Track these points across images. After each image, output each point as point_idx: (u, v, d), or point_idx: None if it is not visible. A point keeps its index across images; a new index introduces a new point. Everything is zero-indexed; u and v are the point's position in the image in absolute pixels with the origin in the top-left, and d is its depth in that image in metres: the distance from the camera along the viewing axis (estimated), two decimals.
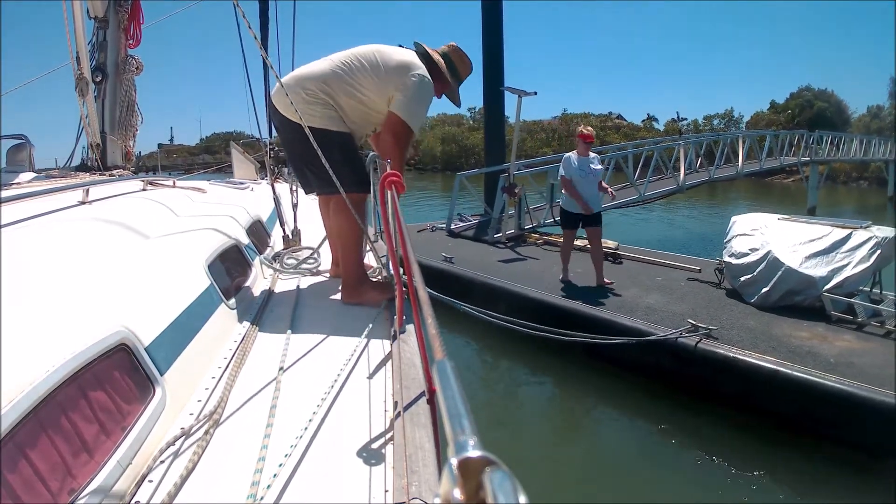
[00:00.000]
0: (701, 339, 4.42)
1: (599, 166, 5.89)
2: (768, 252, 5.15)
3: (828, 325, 4.71)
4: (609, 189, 5.84)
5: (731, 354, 4.23)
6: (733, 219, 5.93)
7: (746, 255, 5.38)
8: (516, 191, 8.59)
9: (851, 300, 4.83)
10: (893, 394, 3.58)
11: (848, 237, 5.05)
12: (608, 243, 7.85)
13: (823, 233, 5.20)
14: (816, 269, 4.94)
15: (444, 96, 2.64)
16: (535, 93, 8.40)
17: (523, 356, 5.71)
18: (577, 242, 8.35)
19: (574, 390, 5.09)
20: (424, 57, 2.49)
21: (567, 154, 5.94)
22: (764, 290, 5.13)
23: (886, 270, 5.22)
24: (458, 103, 2.77)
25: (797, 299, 5.04)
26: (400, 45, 2.52)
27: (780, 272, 5.05)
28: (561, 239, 8.58)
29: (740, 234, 5.60)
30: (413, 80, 2.32)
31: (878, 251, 4.89)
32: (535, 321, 5.27)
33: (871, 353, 4.19)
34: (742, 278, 5.35)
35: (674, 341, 4.50)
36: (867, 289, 5.16)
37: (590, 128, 6.06)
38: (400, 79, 2.32)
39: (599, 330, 4.92)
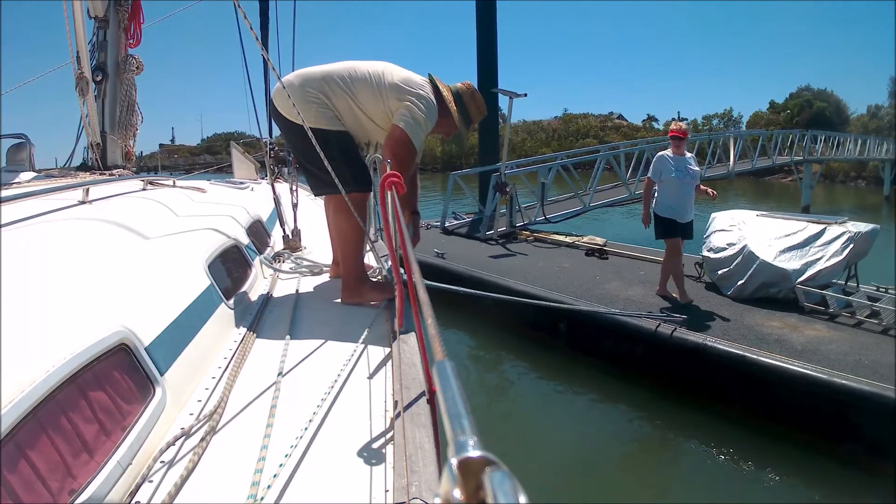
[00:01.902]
0: (676, 329, 4.57)
1: (697, 168, 5.23)
2: (744, 246, 5.31)
3: (800, 315, 4.88)
4: (710, 191, 5.21)
5: (702, 342, 4.40)
6: (713, 215, 6.09)
7: (724, 249, 5.54)
8: (507, 189, 8.79)
9: (824, 292, 4.98)
10: (853, 377, 3.74)
11: (822, 232, 5.23)
12: (596, 240, 7.96)
13: (798, 228, 5.38)
14: (790, 263, 5.11)
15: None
16: (526, 94, 8.65)
17: (520, 354, 5.82)
18: (566, 238, 8.42)
19: (569, 386, 5.15)
20: (435, 89, 2.41)
21: (660, 153, 5.20)
22: (740, 282, 5.30)
23: (863, 264, 5.38)
24: (464, 147, 2.71)
25: (772, 291, 5.22)
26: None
27: (754, 265, 5.22)
28: (552, 236, 8.69)
29: (719, 230, 5.75)
30: (414, 99, 2.26)
31: (851, 245, 5.08)
32: (520, 312, 5.59)
33: (838, 341, 4.36)
34: (719, 272, 5.52)
35: (652, 331, 4.67)
36: (841, 281, 5.34)
37: (681, 123, 5.36)
38: (400, 95, 2.27)
39: (582, 320, 5.27)
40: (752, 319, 4.80)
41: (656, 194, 5.20)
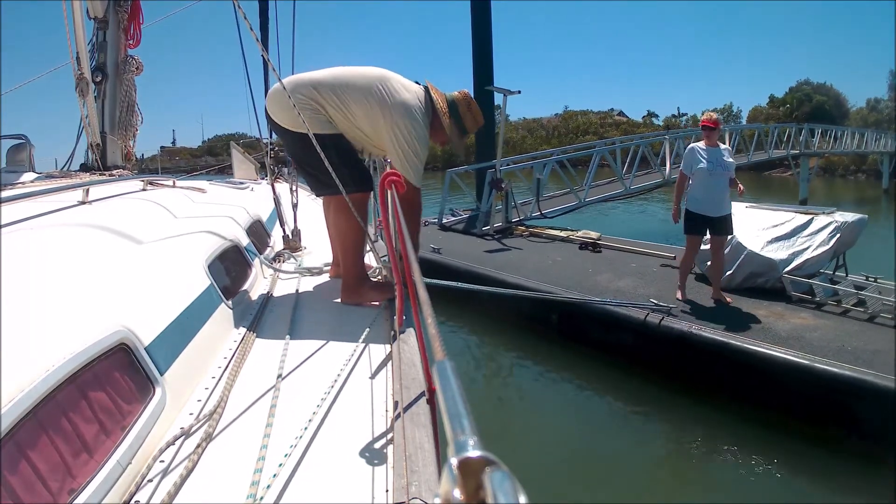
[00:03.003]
0: (664, 317, 4.66)
1: (732, 159, 4.88)
2: (732, 237, 5.34)
3: (787, 304, 4.94)
4: (740, 186, 4.88)
5: (687, 330, 4.48)
6: None
7: None
8: (503, 186, 8.90)
9: (811, 281, 5.03)
10: (832, 361, 3.79)
11: (809, 222, 5.31)
12: (590, 234, 8.00)
13: (786, 219, 5.46)
14: (777, 253, 5.17)
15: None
16: (519, 91, 8.67)
17: (514, 345, 5.89)
18: (560, 233, 8.40)
19: (561, 376, 5.21)
20: (430, 99, 2.36)
21: (692, 145, 4.94)
22: (728, 272, 5.32)
23: (856, 254, 5.48)
24: (461, 154, 2.66)
25: (759, 281, 5.28)
26: (416, 82, 2.41)
27: (742, 255, 5.28)
28: (547, 230, 8.64)
29: None
30: (404, 128, 2.20)
31: (838, 235, 5.16)
32: (513, 305, 5.73)
33: (822, 328, 4.41)
34: (708, 262, 5.51)
35: (641, 320, 4.75)
36: (829, 271, 5.41)
37: (713, 113, 4.96)
38: (390, 119, 2.21)
39: (572, 310, 5.40)
40: (739, 308, 4.88)
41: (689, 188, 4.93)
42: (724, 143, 5.07)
